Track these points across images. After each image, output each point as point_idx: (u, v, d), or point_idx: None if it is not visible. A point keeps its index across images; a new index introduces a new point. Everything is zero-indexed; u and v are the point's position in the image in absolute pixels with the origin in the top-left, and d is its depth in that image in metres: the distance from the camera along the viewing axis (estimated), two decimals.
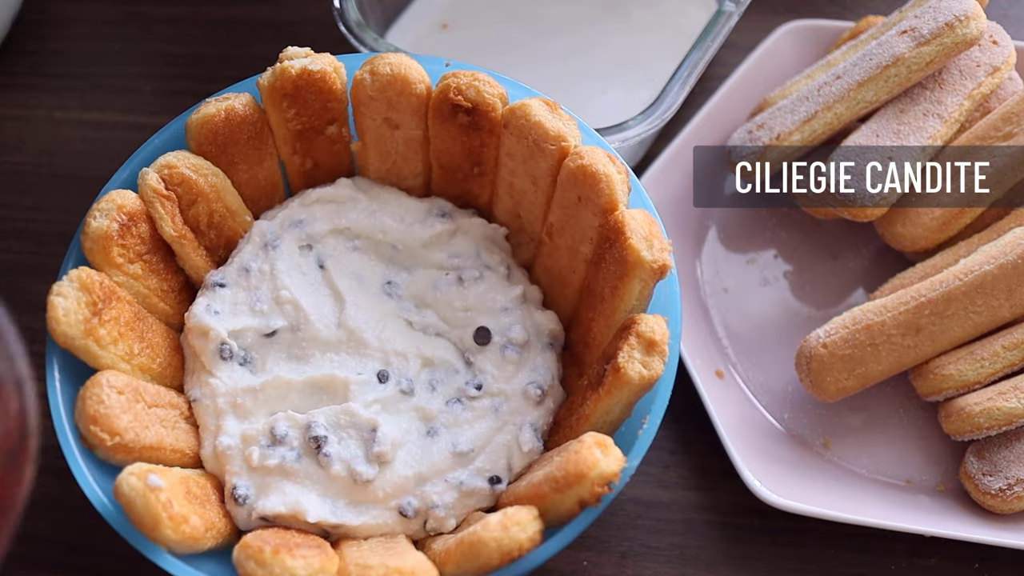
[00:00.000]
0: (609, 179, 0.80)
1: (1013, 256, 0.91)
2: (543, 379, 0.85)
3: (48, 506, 0.96)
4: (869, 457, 0.97)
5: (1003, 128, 0.97)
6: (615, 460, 0.72)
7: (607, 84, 1.13)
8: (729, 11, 1.03)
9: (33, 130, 1.18)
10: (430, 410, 0.83)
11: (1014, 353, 0.91)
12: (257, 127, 0.87)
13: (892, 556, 0.93)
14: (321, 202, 0.90)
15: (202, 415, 0.84)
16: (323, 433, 0.81)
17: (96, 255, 0.80)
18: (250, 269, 0.87)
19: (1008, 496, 0.90)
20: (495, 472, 0.81)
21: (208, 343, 0.84)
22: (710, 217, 1.09)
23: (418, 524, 0.81)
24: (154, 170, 0.83)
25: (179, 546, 0.74)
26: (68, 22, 1.26)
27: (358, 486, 0.80)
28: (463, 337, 0.87)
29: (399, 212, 0.91)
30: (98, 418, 0.75)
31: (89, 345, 0.77)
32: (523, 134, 0.83)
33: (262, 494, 0.80)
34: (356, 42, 1.02)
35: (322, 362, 0.85)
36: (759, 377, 1.01)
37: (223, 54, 1.22)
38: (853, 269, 1.06)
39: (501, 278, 0.89)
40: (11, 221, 1.12)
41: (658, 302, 0.82)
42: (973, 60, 1.00)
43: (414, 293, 0.88)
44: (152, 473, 0.73)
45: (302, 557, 0.72)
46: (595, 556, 0.94)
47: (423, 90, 0.86)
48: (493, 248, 0.90)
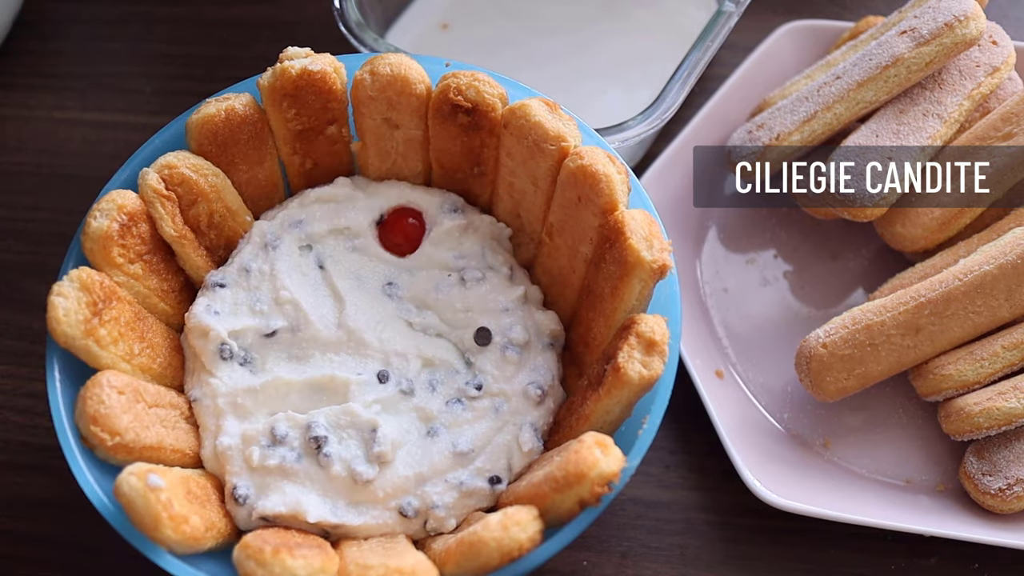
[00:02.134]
0: (609, 179, 0.80)
1: (1013, 256, 0.91)
2: (543, 379, 0.85)
3: (48, 506, 0.96)
4: (869, 457, 0.97)
5: (1003, 128, 0.97)
6: (615, 460, 0.72)
7: (607, 84, 1.13)
8: (729, 11, 1.03)
9: (33, 130, 1.18)
10: (430, 410, 0.83)
11: (1014, 353, 0.91)
12: (257, 127, 0.87)
13: (892, 556, 0.93)
14: (320, 202, 0.90)
15: (202, 415, 0.84)
16: (323, 433, 0.81)
17: (96, 255, 0.80)
18: (250, 269, 0.87)
19: (1008, 496, 0.90)
20: (495, 472, 0.82)
21: (208, 343, 0.84)
22: (710, 217, 1.09)
23: (418, 524, 0.81)
24: (154, 170, 0.83)
25: (179, 546, 0.74)
26: (68, 22, 1.26)
27: (358, 486, 0.80)
28: (463, 337, 0.87)
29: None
30: (98, 418, 0.75)
31: (89, 345, 0.77)
32: (523, 134, 0.83)
33: (262, 494, 0.80)
34: (356, 42, 1.02)
35: (322, 362, 0.85)
36: (759, 377, 1.01)
37: (223, 54, 1.22)
38: (853, 269, 1.06)
39: (503, 279, 0.89)
40: (11, 221, 1.12)
41: (658, 302, 0.82)
42: (973, 60, 1.00)
43: (414, 294, 0.88)
44: (152, 473, 0.73)
45: (302, 557, 0.72)
46: (595, 556, 0.94)
47: (423, 90, 0.86)
48: (498, 249, 0.90)
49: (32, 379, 1.03)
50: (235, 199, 0.88)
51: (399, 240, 0.90)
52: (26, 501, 0.97)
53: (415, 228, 0.91)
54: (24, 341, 1.05)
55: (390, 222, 0.91)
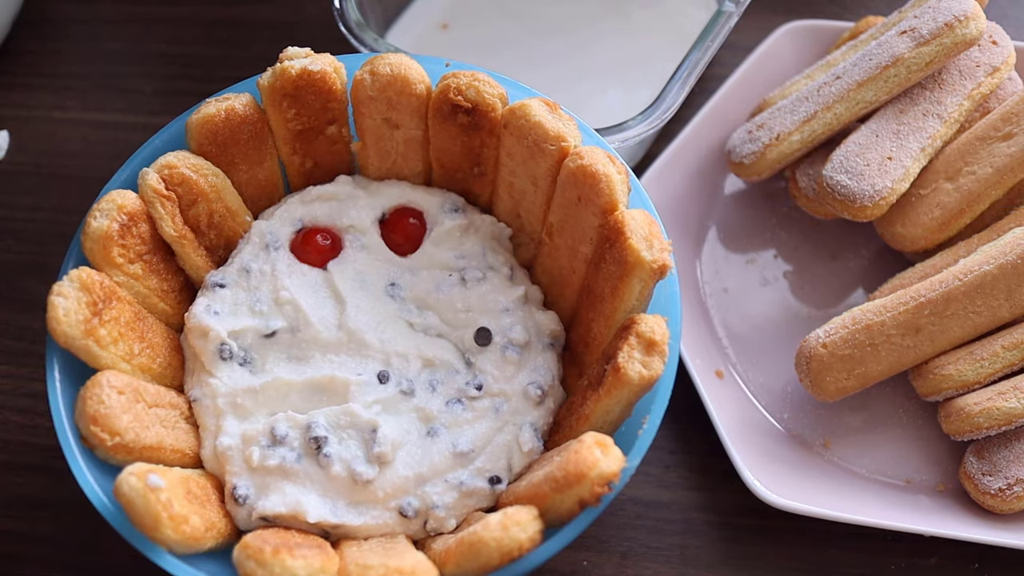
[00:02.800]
0: (609, 179, 0.80)
1: (1013, 256, 0.91)
2: (543, 379, 0.85)
3: (48, 506, 0.96)
4: (869, 457, 0.97)
5: (1003, 128, 0.97)
6: (615, 460, 0.72)
7: (607, 84, 1.13)
8: (729, 11, 1.03)
9: (33, 130, 1.18)
10: (430, 410, 0.83)
11: (1014, 353, 0.91)
12: (257, 127, 0.87)
13: (892, 556, 0.93)
14: (321, 199, 0.90)
15: (202, 415, 0.84)
16: (323, 433, 0.81)
17: (96, 255, 0.80)
18: (250, 270, 0.87)
19: (1008, 496, 0.90)
20: (495, 472, 0.82)
21: (208, 343, 0.84)
22: (710, 217, 1.09)
23: (418, 524, 0.81)
24: (154, 170, 0.83)
25: (179, 546, 0.74)
26: (68, 22, 1.26)
27: (358, 486, 0.80)
28: (464, 338, 0.87)
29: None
30: (98, 418, 0.75)
31: (89, 345, 0.77)
32: (523, 134, 0.83)
33: (262, 494, 0.80)
34: (356, 42, 1.02)
35: (322, 363, 0.85)
36: (759, 377, 1.01)
37: (223, 54, 1.22)
38: (853, 269, 1.06)
39: (504, 279, 0.89)
40: (11, 221, 1.12)
41: (658, 302, 0.82)
42: (973, 60, 1.00)
43: (416, 295, 0.88)
44: (152, 473, 0.73)
45: (302, 557, 0.72)
46: (595, 556, 0.94)
47: (423, 90, 0.86)
48: (498, 249, 0.90)
49: (32, 379, 1.03)
50: (235, 199, 0.88)
51: (400, 240, 0.90)
52: (26, 501, 0.97)
53: (416, 228, 0.91)
54: (24, 341, 1.05)
55: (391, 221, 0.91)
